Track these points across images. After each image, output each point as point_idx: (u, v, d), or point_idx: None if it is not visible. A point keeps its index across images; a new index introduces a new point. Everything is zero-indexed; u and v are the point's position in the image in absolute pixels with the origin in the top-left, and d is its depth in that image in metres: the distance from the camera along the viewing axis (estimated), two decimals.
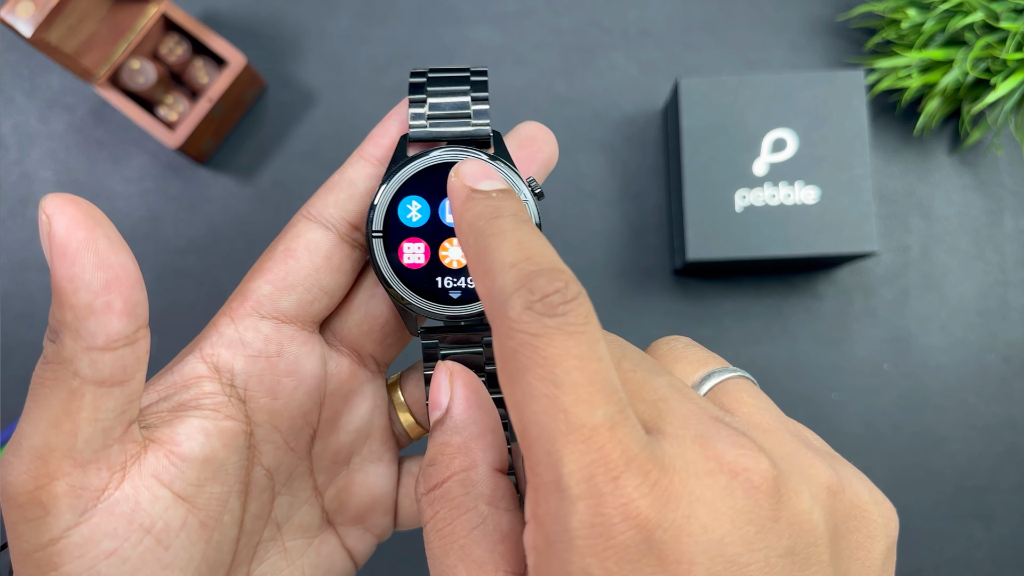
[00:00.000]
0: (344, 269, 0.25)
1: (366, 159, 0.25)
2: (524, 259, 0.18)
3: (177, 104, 0.50)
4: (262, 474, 0.24)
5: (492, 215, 0.19)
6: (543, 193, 0.24)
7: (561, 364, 0.16)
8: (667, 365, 0.22)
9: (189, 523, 0.22)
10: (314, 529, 0.26)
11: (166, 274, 0.51)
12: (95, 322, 0.19)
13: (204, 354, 0.24)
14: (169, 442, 0.22)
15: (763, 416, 0.20)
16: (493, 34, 0.53)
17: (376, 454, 0.27)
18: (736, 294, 0.51)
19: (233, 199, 0.52)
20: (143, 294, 0.20)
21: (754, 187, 0.46)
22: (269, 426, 0.24)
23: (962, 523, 0.50)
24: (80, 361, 0.19)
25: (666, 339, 0.23)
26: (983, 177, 0.52)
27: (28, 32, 0.42)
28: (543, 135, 0.26)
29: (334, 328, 0.26)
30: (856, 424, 0.50)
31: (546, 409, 0.16)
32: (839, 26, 0.53)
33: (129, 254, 0.20)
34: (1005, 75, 0.45)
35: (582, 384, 0.16)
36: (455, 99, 0.24)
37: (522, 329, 0.17)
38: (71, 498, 0.20)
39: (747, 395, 0.21)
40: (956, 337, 0.51)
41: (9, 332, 0.50)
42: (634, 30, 0.53)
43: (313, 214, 0.24)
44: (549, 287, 0.17)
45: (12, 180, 0.52)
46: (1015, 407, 0.51)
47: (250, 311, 0.24)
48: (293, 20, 0.53)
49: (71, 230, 0.19)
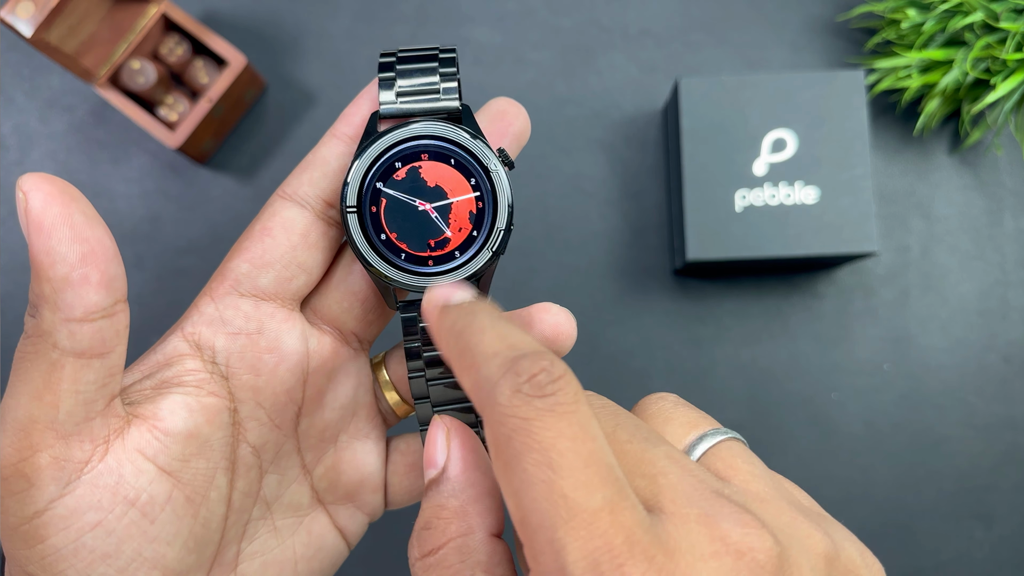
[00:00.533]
0: (321, 246, 0.25)
1: (338, 137, 0.25)
2: (506, 347, 0.18)
3: (177, 104, 0.50)
4: (248, 451, 0.24)
5: (468, 314, 0.20)
6: (513, 163, 0.25)
7: (555, 447, 0.16)
8: (657, 427, 0.22)
9: (175, 497, 0.22)
10: (304, 507, 0.26)
11: (166, 274, 0.51)
12: (72, 294, 0.19)
13: (185, 332, 0.24)
14: (152, 417, 0.22)
15: (759, 484, 0.20)
16: (493, 34, 0.53)
17: (363, 431, 0.27)
18: (736, 294, 0.51)
19: (233, 199, 0.52)
20: (120, 268, 0.20)
21: (754, 187, 0.46)
22: (253, 403, 0.24)
23: (962, 523, 0.50)
24: (59, 333, 0.20)
25: (654, 397, 0.23)
26: (983, 177, 0.52)
27: (28, 32, 0.42)
28: (514, 109, 0.26)
29: (315, 306, 0.26)
30: (856, 424, 0.50)
31: (545, 495, 0.16)
32: (839, 26, 0.53)
33: (105, 229, 0.20)
34: (1005, 75, 0.45)
35: (578, 467, 0.16)
36: (424, 78, 0.25)
37: (513, 414, 0.17)
38: (54, 470, 0.20)
39: (741, 460, 0.21)
40: (956, 337, 0.51)
41: (9, 332, 0.50)
42: (634, 30, 0.53)
43: (288, 193, 0.25)
44: (535, 367, 0.17)
45: (12, 180, 0.52)
46: (1015, 407, 0.51)
47: (229, 289, 0.24)
48: (293, 20, 0.53)
49: (47, 205, 0.19)
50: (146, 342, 0.50)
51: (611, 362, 0.50)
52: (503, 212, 0.24)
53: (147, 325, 0.50)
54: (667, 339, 0.51)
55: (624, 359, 0.51)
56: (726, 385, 0.50)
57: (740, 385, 0.50)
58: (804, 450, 0.50)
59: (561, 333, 0.25)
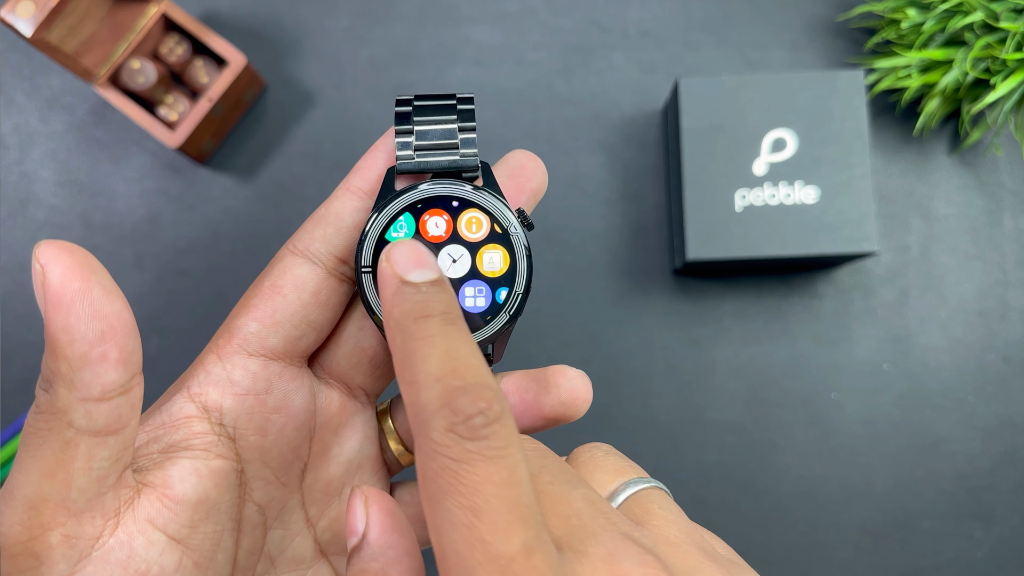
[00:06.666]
0: (332, 304, 0.24)
1: (352, 192, 0.25)
2: (449, 372, 0.18)
3: (177, 104, 0.50)
4: (254, 510, 0.24)
5: (420, 313, 0.19)
6: (533, 224, 0.24)
7: (481, 492, 0.17)
8: (586, 474, 0.22)
9: (184, 565, 0.22)
10: (308, 560, 0.26)
11: (166, 274, 0.51)
12: (90, 373, 0.19)
13: (192, 393, 0.24)
14: (162, 485, 0.22)
15: (671, 528, 0.20)
16: (493, 34, 0.53)
17: (367, 483, 0.27)
18: (736, 294, 0.51)
19: (233, 199, 0.52)
20: (138, 342, 0.20)
21: (754, 187, 0.46)
22: (259, 463, 0.24)
23: (962, 523, 0.50)
24: (75, 412, 0.19)
25: (588, 446, 0.23)
26: (983, 177, 0.52)
27: (28, 32, 0.42)
28: (532, 164, 0.25)
29: (323, 361, 0.25)
30: (856, 424, 0.50)
31: (465, 539, 0.16)
32: (839, 26, 0.53)
33: (124, 302, 0.19)
34: (1005, 75, 0.45)
35: (500, 512, 0.16)
36: (442, 127, 0.24)
37: (444, 453, 0.17)
38: (65, 548, 0.20)
39: (657, 506, 0.21)
40: (956, 337, 0.51)
41: (9, 332, 0.50)
42: (634, 30, 0.53)
43: (300, 248, 0.24)
44: (472, 408, 0.17)
45: (12, 180, 0.52)
46: (1015, 407, 0.51)
47: (237, 348, 0.24)
48: (293, 20, 0.53)
49: (66, 280, 0.18)
50: (146, 342, 0.50)
51: (611, 362, 0.50)
52: (522, 276, 0.24)
53: (147, 325, 0.50)
54: (667, 339, 0.51)
55: (624, 359, 0.51)
56: (726, 385, 0.50)
57: (740, 385, 0.50)
58: (804, 450, 0.50)
59: (578, 399, 0.25)
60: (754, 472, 0.50)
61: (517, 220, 0.24)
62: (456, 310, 0.19)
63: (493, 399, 0.17)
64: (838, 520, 0.49)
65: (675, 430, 0.50)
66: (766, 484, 0.50)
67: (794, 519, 0.50)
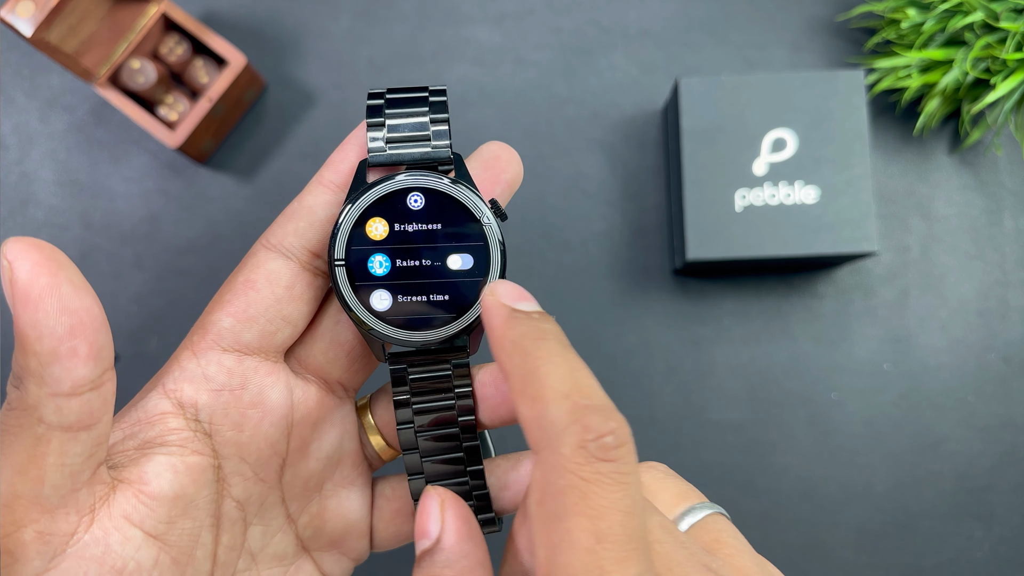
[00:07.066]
0: (306, 298, 0.24)
1: (325, 185, 0.24)
2: (575, 390, 0.18)
3: (177, 104, 0.50)
4: (232, 506, 0.24)
5: (538, 336, 0.19)
6: (506, 215, 0.24)
7: (607, 518, 0.17)
8: (650, 496, 0.22)
9: (161, 561, 0.22)
10: (289, 556, 0.26)
11: (166, 274, 0.51)
12: (60, 368, 0.19)
13: (167, 389, 0.23)
14: (138, 481, 0.22)
15: (743, 559, 0.21)
16: (493, 34, 0.53)
17: (348, 479, 0.27)
18: (736, 294, 0.51)
19: (233, 199, 0.52)
20: (108, 337, 0.19)
21: (754, 187, 0.46)
22: (237, 458, 0.24)
23: (962, 523, 0.50)
24: (45, 408, 0.19)
25: (645, 466, 0.23)
26: (983, 177, 0.52)
27: (28, 32, 0.42)
28: (507, 155, 0.25)
29: (299, 356, 0.25)
30: (856, 424, 0.50)
31: (583, 563, 0.16)
32: (839, 26, 0.53)
33: (93, 297, 0.19)
34: (1005, 75, 0.45)
35: (622, 542, 0.17)
36: (413, 120, 0.24)
37: (573, 471, 0.17)
38: (39, 544, 0.20)
39: (728, 536, 0.21)
40: (956, 337, 0.51)
41: (9, 332, 0.50)
42: (634, 30, 0.53)
43: (273, 243, 0.24)
44: (604, 427, 0.17)
45: (12, 180, 0.52)
46: (1015, 407, 0.51)
47: (211, 344, 0.24)
48: (293, 20, 0.53)
49: (34, 275, 0.18)
50: (146, 342, 0.50)
51: (611, 362, 0.50)
52: (495, 266, 0.24)
53: (147, 325, 0.50)
54: (667, 339, 0.51)
55: (624, 359, 0.51)
56: (726, 385, 0.50)
57: (740, 385, 0.50)
58: (804, 450, 0.50)
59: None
60: (754, 472, 0.50)
61: (490, 211, 0.24)
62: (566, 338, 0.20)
63: (623, 422, 0.17)
64: (838, 520, 0.49)
65: (675, 430, 0.50)
66: (766, 484, 0.50)
67: (794, 519, 0.50)
